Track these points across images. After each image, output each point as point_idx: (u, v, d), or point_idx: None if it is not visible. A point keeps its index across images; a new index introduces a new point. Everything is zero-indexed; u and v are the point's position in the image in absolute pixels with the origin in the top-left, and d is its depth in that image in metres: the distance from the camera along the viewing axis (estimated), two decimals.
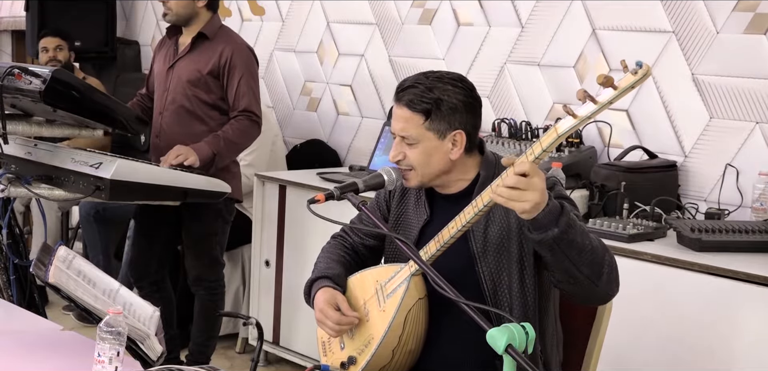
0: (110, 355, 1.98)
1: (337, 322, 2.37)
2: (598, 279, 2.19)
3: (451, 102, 2.32)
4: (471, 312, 1.99)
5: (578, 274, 2.16)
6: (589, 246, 2.15)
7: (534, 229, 2.11)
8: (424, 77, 2.36)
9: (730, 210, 3.66)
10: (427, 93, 2.31)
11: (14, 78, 3.31)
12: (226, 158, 3.97)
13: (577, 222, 2.14)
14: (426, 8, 4.76)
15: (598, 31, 4.11)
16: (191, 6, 3.99)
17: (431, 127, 2.32)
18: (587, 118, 1.99)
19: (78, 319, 5.01)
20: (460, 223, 2.22)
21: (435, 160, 2.35)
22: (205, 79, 3.98)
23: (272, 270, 4.56)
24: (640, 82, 1.92)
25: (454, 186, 2.41)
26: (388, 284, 2.35)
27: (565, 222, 2.09)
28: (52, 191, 3.49)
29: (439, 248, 2.28)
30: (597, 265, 2.17)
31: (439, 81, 2.34)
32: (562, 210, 2.10)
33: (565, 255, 2.13)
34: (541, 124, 4.20)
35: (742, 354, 3.03)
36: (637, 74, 1.91)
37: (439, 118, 2.32)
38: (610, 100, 1.94)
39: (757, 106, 3.65)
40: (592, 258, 2.16)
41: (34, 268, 2.38)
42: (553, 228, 2.08)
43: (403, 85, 2.38)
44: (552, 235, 2.09)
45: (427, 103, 2.31)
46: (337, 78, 5.22)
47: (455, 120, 2.32)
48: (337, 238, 2.65)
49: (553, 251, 2.13)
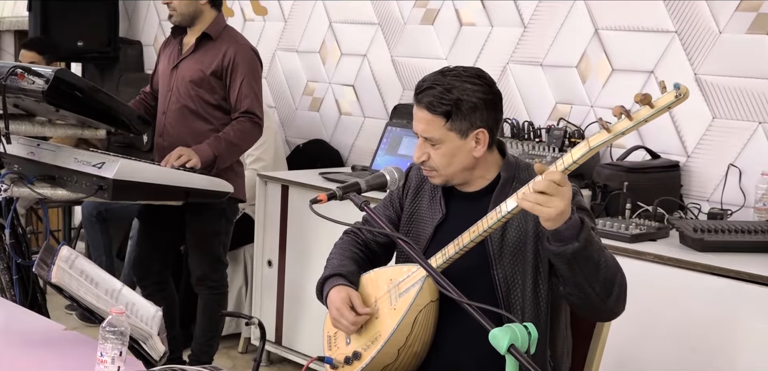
0: (113, 355, 1.98)
1: (353, 323, 2.37)
2: (607, 298, 2.20)
3: (470, 101, 2.30)
4: (474, 312, 1.99)
5: (590, 291, 2.17)
6: (604, 264, 2.16)
7: (554, 241, 2.11)
8: (442, 76, 2.34)
9: (733, 211, 3.66)
10: (446, 94, 2.30)
11: (17, 78, 3.31)
12: (228, 160, 3.96)
13: (594, 239, 2.15)
14: (428, 8, 4.76)
15: (601, 31, 4.11)
16: (195, 4, 3.99)
17: (453, 127, 2.31)
18: (621, 134, 1.99)
19: (80, 319, 5.01)
20: (481, 228, 2.22)
21: (458, 159, 2.34)
22: (208, 79, 3.98)
23: (275, 270, 4.56)
24: (677, 103, 1.92)
25: (475, 184, 2.41)
26: (402, 283, 2.34)
27: (585, 238, 2.09)
28: (55, 191, 3.50)
29: (457, 251, 2.27)
30: (609, 283, 2.18)
31: (458, 79, 2.31)
32: (582, 225, 2.11)
33: (581, 270, 2.14)
34: (543, 124, 4.20)
35: (744, 354, 3.03)
36: (676, 96, 1.91)
37: (460, 118, 2.30)
38: (645, 118, 1.95)
39: (759, 106, 3.65)
40: (606, 276, 2.17)
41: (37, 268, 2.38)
42: (574, 242, 2.09)
43: (422, 85, 2.35)
44: (572, 249, 2.09)
45: (447, 105, 2.29)
46: (340, 78, 5.22)
47: (476, 118, 2.31)
48: (349, 234, 2.64)
49: (569, 265, 2.13)
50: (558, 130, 3.97)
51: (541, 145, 3.97)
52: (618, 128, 1.99)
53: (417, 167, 2.52)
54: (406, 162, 3.82)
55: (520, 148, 3.98)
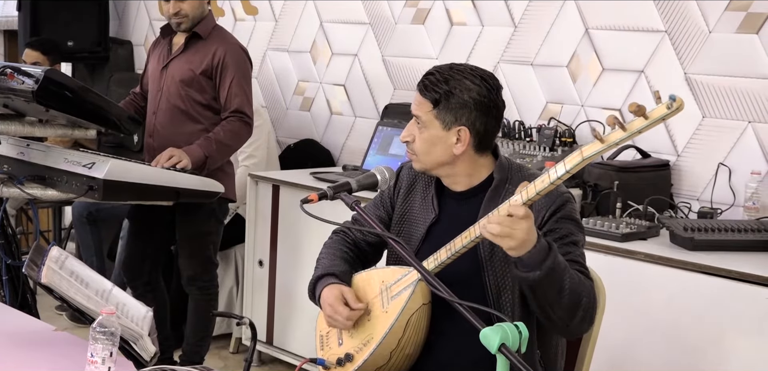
0: (103, 356, 1.98)
1: (347, 318, 2.37)
2: (570, 321, 2.23)
3: (462, 97, 2.30)
4: (465, 312, 1.99)
5: (551, 313, 2.21)
6: (569, 289, 2.17)
7: (518, 266, 2.14)
8: (449, 68, 2.35)
9: (723, 209, 3.67)
10: (442, 83, 2.31)
11: (6, 78, 3.30)
12: (218, 160, 3.96)
13: (560, 265, 2.15)
14: (419, 8, 4.76)
15: (591, 31, 4.11)
16: (201, 6, 3.99)
17: (438, 116, 2.32)
18: (614, 145, 2.00)
19: (71, 320, 5.00)
20: (473, 234, 2.22)
21: (437, 150, 2.34)
22: (198, 79, 3.97)
23: (266, 270, 4.55)
24: (671, 115, 1.93)
25: (461, 183, 2.40)
26: (394, 286, 2.34)
27: (548, 267, 2.11)
28: (45, 191, 3.49)
29: (449, 256, 2.27)
30: (573, 308, 2.20)
31: (459, 73, 2.32)
32: (548, 252, 2.12)
33: (544, 296, 2.17)
34: (534, 124, 4.20)
35: (734, 352, 3.03)
36: (671, 108, 1.92)
37: (446, 109, 2.31)
38: (639, 129, 1.95)
39: (749, 106, 3.66)
40: (569, 302, 2.19)
41: (27, 269, 2.37)
42: (536, 271, 2.11)
43: (428, 71, 2.38)
44: (533, 277, 2.12)
45: (437, 92, 2.31)
46: (331, 78, 5.22)
47: (462, 115, 2.31)
48: (339, 234, 2.63)
49: (532, 290, 2.17)
50: (548, 130, 3.97)
51: (531, 145, 3.98)
52: (611, 139, 1.99)
53: (408, 166, 2.53)
54: (397, 162, 3.83)
55: (510, 148, 3.98)
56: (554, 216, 2.28)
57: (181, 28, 4.00)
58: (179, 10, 3.95)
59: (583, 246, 2.34)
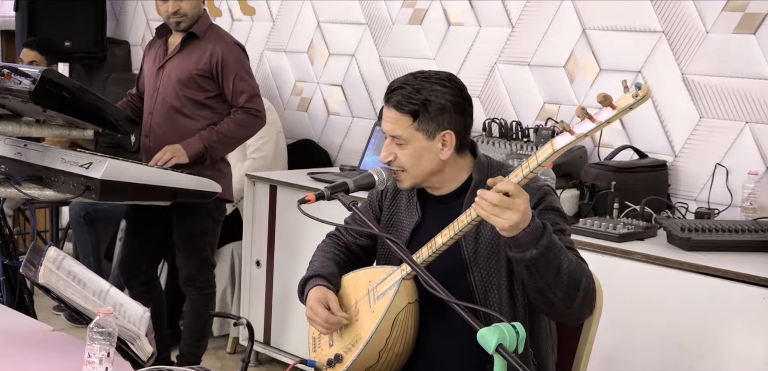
0: (100, 356, 1.98)
1: (325, 320, 2.38)
2: (571, 303, 2.20)
3: (439, 102, 2.31)
4: (462, 312, 1.99)
5: (552, 296, 2.18)
6: (567, 269, 2.16)
7: (513, 247, 2.13)
8: (413, 78, 2.36)
9: (720, 210, 3.68)
10: (415, 94, 2.32)
11: (3, 78, 3.30)
12: (221, 152, 3.98)
13: (556, 245, 2.15)
14: (416, 8, 4.76)
15: (589, 31, 4.12)
16: (199, 5, 4.00)
17: (420, 127, 2.32)
18: (584, 136, 2.01)
19: (68, 320, 5.00)
20: (453, 231, 2.22)
21: (425, 161, 2.35)
22: (195, 78, 3.98)
23: (263, 270, 4.55)
24: (638, 103, 1.93)
25: (446, 187, 2.41)
26: (380, 285, 2.36)
27: (545, 245, 2.10)
28: (42, 191, 3.49)
29: (430, 253, 2.27)
30: (573, 289, 2.19)
31: (427, 81, 2.33)
32: (543, 231, 2.11)
33: (542, 277, 2.15)
34: (531, 124, 4.21)
35: (731, 353, 3.04)
36: (637, 96, 1.92)
37: (427, 118, 2.32)
38: (607, 120, 1.97)
39: (746, 106, 3.66)
40: (569, 282, 2.17)
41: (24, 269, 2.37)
42: (532, 249, 2.10)
43: (392, 85, 2.38)
44: (529, 256, 2.11)
45: (415, 104, 2.31)
46: (328, 78, 5.22)
47: (444, 120, 2.32)
48: (331, 237, 2.65)
49: (529, 271, 2.15)
50: (546, 130, 3.97)
51: (529, 145, 3.98)
52: (580, 130, 2.00)
53: None
54: None
55: (508, 148, 3.98)
56: (537, 208, 2.28)
57: (179, 27, 4.00)
58: (178, 9, 3.95)
59: (570, 235, 2.34)
